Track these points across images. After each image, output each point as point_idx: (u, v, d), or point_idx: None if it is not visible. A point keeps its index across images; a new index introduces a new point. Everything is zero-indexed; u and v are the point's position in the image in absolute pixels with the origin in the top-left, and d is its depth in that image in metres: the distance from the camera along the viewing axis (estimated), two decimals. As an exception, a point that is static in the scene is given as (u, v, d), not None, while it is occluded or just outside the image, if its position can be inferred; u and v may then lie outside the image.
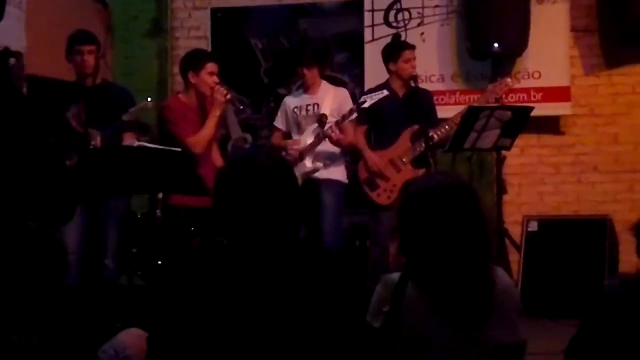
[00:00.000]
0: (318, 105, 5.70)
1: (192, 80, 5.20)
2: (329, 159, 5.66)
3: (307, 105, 5.71)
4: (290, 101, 5.82)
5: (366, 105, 5.43)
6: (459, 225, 2.41)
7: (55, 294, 2.58)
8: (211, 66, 5.21)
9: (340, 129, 5.50)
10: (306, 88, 5.75)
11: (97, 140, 5.01)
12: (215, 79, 5.20)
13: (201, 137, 5.13)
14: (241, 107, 5.52)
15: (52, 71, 5.80)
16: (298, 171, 5.58)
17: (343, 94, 5.84)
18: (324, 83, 5.79)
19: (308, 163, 5.60)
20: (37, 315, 2.51)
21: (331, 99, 5.71)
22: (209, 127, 5.15)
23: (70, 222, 5.00)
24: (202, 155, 5.10)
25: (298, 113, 5.73)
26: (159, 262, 5.14)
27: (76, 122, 5.18)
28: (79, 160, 4.94)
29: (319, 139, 5.59)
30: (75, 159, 5.02)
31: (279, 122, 5.86)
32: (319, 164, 5.63)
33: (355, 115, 5.50)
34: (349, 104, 5.72)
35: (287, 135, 5.83)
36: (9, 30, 5.59)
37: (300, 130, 5.70)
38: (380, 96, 5.46)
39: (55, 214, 2.87)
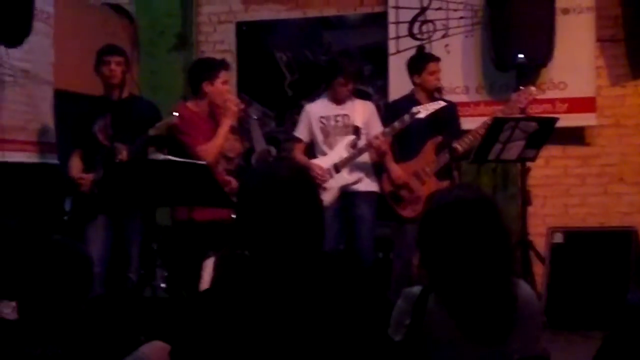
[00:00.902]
0: (348, 116, 5.69)
1: (207, 89, 5.21)
2: (364, 171, 5.68)
3: (337, 116, 5.70)
4: (315, 109, 5.79)
5: (421, 115, 5.44)
6: (479, 239, 2.39)
7: (80, 306, 2.60)
8: (224, 75, 5.24)
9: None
10: (337, 100, 5.73)
11: (123, 155, 5.06)
12: (228, 87, 5.23)
13: (213, 146, 5.13)
14: (254, 117, 5.54)
15: (79, 86, 5.88)
16: (336, 183, 5.59)
17: (371, 107, 5.88)
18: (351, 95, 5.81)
19: (346, 175, 5.61)
20: (62, 328, 2.53)
21: (361, 112, 5.71)
22: (221, 137, 5.14)
23: (95, 235, 5.11)
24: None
25: (326, 123, 5.71)
26: (179, 275, 5.17)
27: (103, 135, 5.23)
28: (104, 173, 5.00)
29: (359, 151, 5.59)
30: (101, 173, 5.08)
31: (301, 132, 5.82)
32: (361, 175, 5.65)
33: (407, 124, 5.50)
34: (376, 118, 5.75)
35: (309, 146, 5.82)
36: (36, 46, 5.67)
37: (329, 140, 5.70)
38: (437, 107, 5.46)
39: None
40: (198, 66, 5.42)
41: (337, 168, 5.62)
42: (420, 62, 5.85)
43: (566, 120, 6.25)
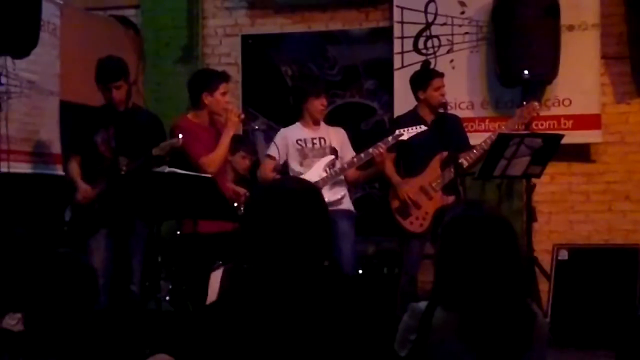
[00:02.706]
0: (324, 139, 5.74)
1: (206, 100, 5.26)
2: (342, 190, 5.71)
3: (313, 139, 5.75)
4: (291, 133, 5.79)
5: (404, 138, 5.48)
6: (499, 258, 2.40)
7: (85, 319, 2.60)
8: (224, 86, 5.29)
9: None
10: (314, 120, 5.76)
11: (124, 170, 5.04)
12: (227, 98, 5.27)
13: (215, 157, 5.18)
14: (257, 128, 5.57)
15: (85, 97, 5.88)
16: None
17: (343, 133, 5.93)
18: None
19: (326, 193, 5.57)
20: (68, 340, 2.52)
21: (334, 136, 5.79)
22: (223, 147, 5.21)
23: (97, 246, 5.10)
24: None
25: (303, 145, 5.73)
26: (183, 288, 5.17)
27: (105, 147, 5.22)
28: (108, 185, 4.99)
29: (341, 170, 5.61)
30: (104, 186, 5.07)
31: (275, 152, 5.78)
32: (343, 193, 5.67)
33: (390, 145, 5.54)
34: (348, 144, 5.85)
35: (281, 166, 5.81)
36: (42, 57, 5.69)
37: (306, 161, 5.71)
38: (418, 131, 5.48)
39: None
40: (198, 77, 5.46)
41: (319, 186, 5.61)
42: (425, 78, 5.83)
43: (571, 137, 6.26)
